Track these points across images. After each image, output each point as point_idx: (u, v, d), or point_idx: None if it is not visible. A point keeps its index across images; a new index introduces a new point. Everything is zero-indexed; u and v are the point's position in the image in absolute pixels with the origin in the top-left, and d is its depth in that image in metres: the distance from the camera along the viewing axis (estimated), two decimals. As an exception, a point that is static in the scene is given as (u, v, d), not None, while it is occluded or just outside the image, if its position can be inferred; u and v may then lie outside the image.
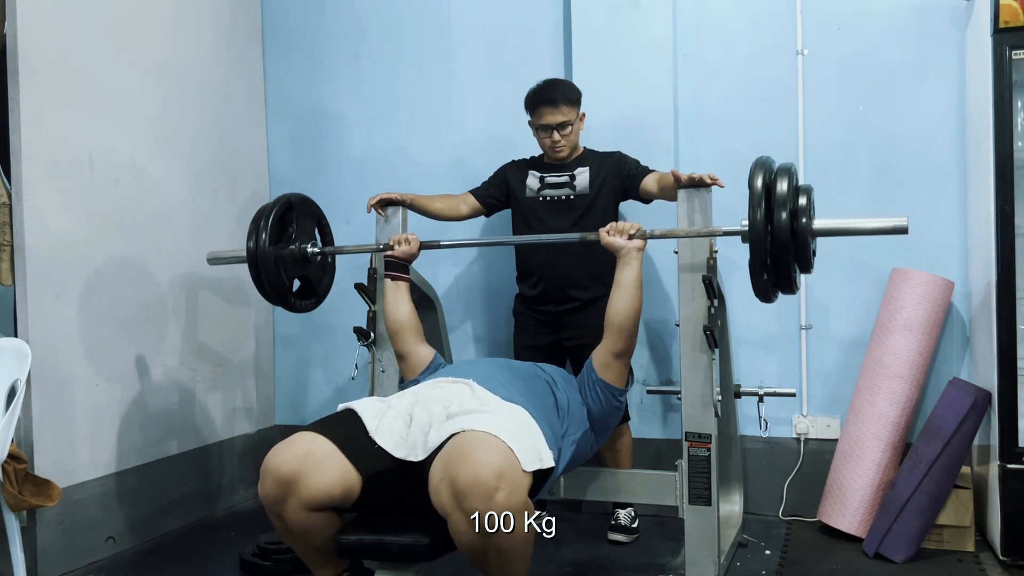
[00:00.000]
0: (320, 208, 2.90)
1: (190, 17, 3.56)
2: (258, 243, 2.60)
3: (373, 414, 2.12)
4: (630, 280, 2.37)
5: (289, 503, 1.95)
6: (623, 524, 3.13)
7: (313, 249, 2.78)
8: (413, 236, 2.69)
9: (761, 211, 2.11)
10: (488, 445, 1.86)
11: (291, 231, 2.73)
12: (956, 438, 2.78)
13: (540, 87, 3.04)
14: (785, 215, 2.10)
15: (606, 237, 2.43)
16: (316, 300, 2.89)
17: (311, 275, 2.81)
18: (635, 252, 2.39)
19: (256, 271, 2.63)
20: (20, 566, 2.55)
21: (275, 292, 2.68)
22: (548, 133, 3.01)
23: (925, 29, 3.19)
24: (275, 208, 2.66)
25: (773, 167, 2.20)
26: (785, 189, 2.12)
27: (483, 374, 2.25)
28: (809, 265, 2.20)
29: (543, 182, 3.11)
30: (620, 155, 3.10)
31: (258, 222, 2.64)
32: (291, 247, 2.72)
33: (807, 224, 2.14)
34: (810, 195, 2.17)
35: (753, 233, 2.13)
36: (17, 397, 2.51)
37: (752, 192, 2.14)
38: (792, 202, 2.12)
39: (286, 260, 2.69)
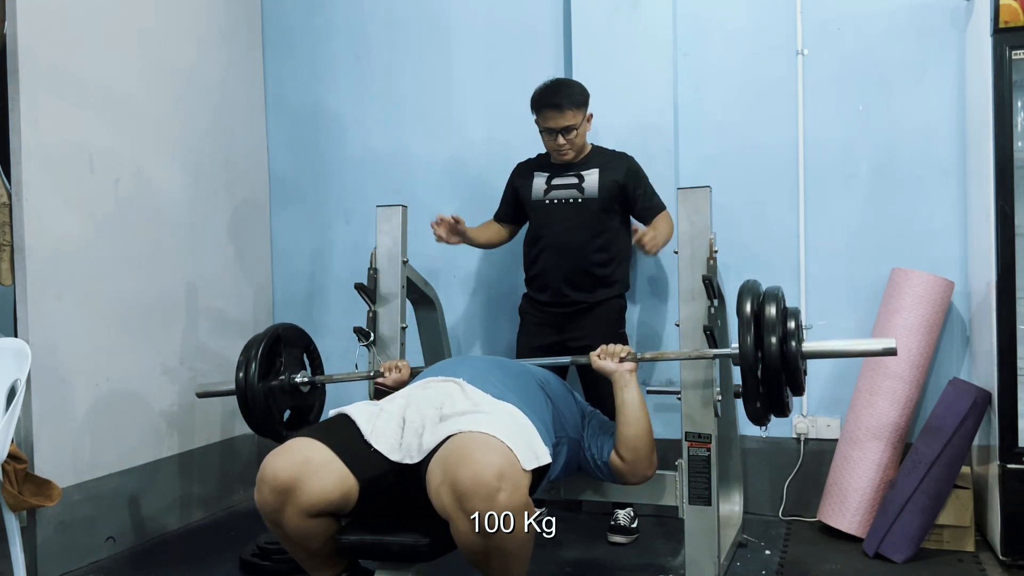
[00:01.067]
0: (309, 336, 2.86)
1: (190, 17, 3.56)
2: (247, 377, 2.57)
3: (367, 418, 2.12)
4: (632, 404, 2.33)
5: (287, 510, 1.94)
6: (623, 525, 3.12)
7: (303, 379, 2.74)
8: (404, 364, 2.64)
9: (751, 336, 2.15)
10: (487, 446, 1.86)
11: (279, 363, 2.70)
12: (956, 438, 2.78)
13: (546, 89, 3.01)
14: (775, 340, 2.14)
15: (597, 361, 2.42)
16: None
17: (301, 405, 2.78)
18: (628, 375, 2.37)
19: (245, 406, 2.60)
20: (20, 566, 2.55)
21: (264, 425, 2.64)
22: (553, 137, 2.99)
23: (925, 29, 3.19)
24: (263, 341, 2.63)
25: (760, 291, 2.23)
26: (773, 314, 2.16)
27: (473, 372, 2.25)
28: (800, 388, 2.22)
29: (550, 183, 3.10)
30: (631, 164, 3.08)
31: (248, 353, 2.61)
32: (280, 378, 2.69)
33: (797, 348, 2.16)
34: (798, 318, 2.21)
35: (744, 359, 2.17)
36: (17, 397, 2.51)
37: (741, 318, 2.18)
38: (781, 326, 2.16)
39: (275, 393, 2.66)
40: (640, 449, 2.32)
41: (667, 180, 3.23)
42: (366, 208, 3.71)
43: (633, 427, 2.32)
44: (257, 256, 3.96)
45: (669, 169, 3.32)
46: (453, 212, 3.18)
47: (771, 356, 2.14)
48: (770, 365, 2.14)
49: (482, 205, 3.69)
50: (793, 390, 2.22)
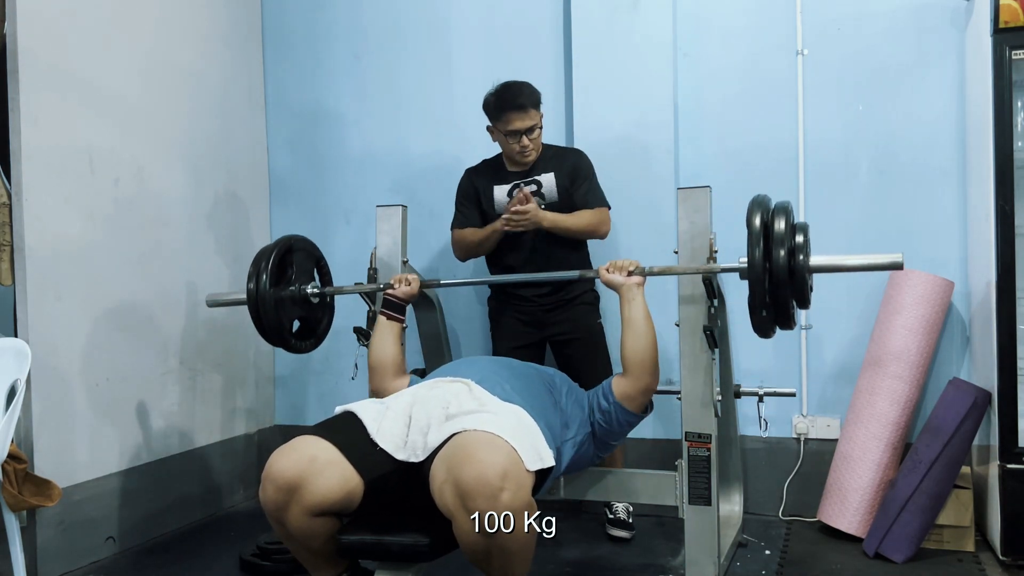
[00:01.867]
0: (319, 249, 2.89)
1: (190, 17, 3.56)
2: (258, 285, 2.60)
3: (373, 416, 2.12)
4: (639, 317, 2.37)
5: (292, 509, 1.94)
6: (621, 519, 3.14)
7: (312, 290, 2.78)
8: (415, 276, 2.67)
9: (759, 249, 2.15)
10: (491, 445, 1.86)
11: (290, 273, 2.73)
12: (956, 438, 2.78)
13: (504, 92, 2.98)
14: (783, 253, 2.13)
15: (605, 275, 2.45)
16: (315, 340, 2.89)
17: (310, 316, 2.81)
18: (636, 288, 2.40)
19: (256, 313, 2.63)
20: (20, 566, 2.55)
21: (275, 334, 2.68)
22: (517, 139, 2.96)
23: (925, 29, 3.19)
24: (275, 250, 2.66)
25: (770, 206, 2.23)
26: (783, 227, 2.15)
27: (481, 374, 2.25)
28: (807, 301, 2.23)
29: (512, 194, 3.05)
30: (576, 161, 3.04)
31: (258, 263, 2.63)
32: (291, 288, 2.72)
33: (804, 261, 2.17)
34: (807, 232, 2.21)
35: (752, 272, 2.16)
36: (17, 397, 2.50)
37: (750, 230, 2.17)
38: (790, 240, 2.15)
39: (286, 302, 2.69)
40: (646, 361, 2.36)
41: (667, 180, 3.23)
42: (366, 208, 3.71)
43: (641, 339, 2.35)
44: (257, 256, 3.96)
45: (669, 169, 3.33)
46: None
47: (779, 269, 2.13)
48: (778, 278, 2.14)
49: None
50: (799, 303, 2.23)
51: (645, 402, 2.43)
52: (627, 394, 2.39)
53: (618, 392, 2.39)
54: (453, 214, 3.20)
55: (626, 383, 2.39)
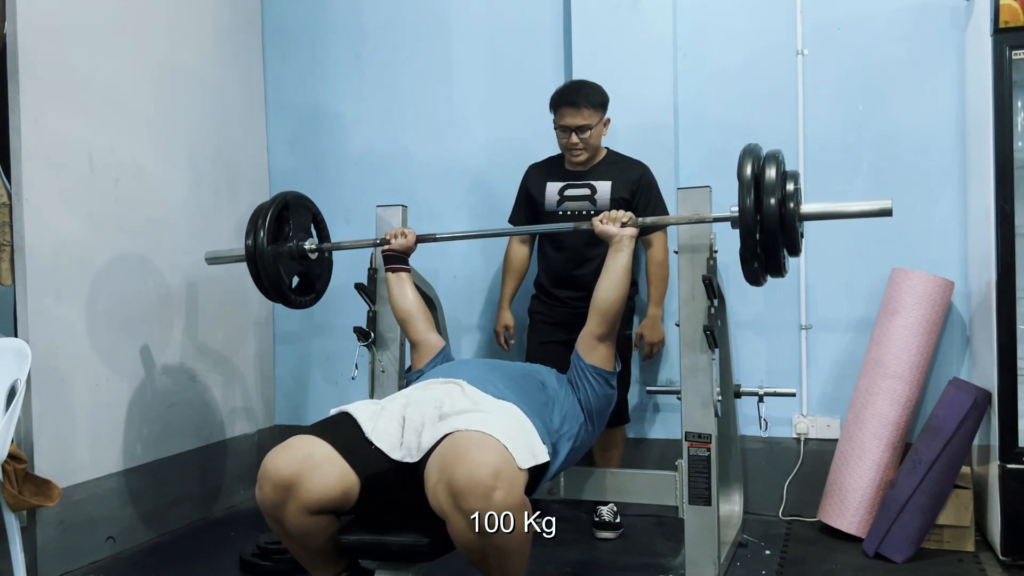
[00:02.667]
0: (315, 204, 2.90)
1: (190, 17, 3.56)
2: (256, 241, 2.62)
3: (368, 416, 2.12)
4: (620, 266, 2.40)
5: (288, 507, 1.94)
6: (607, 520, 3.15)
7: (311, 245, 2.79)
8: (410, 230, 2.71)
9: (750, 198, 2.15)
10: (483, 444, 1.86)
11: (288, 229, 2.74)
12: (956, 438, 2.78)
13: (565, 87, 3.05)
14: (774, 201, 2.13)
15: (599, 225, 2.45)
16: (315, 295, 2.90)
17: (309, 271, 2.83)
18: (627, 239, 2.42)
19: (255, 269, 2.65)
20: (20, 566, 2.55)
21: (274, 289, 2.70)
22: (567, 134, 3.01)
23: (925, 29, 3.19)
24: (272, 206, 2.68)
25: (761, 154, 2.22)
26: (773, 176, 2.15)
27: (474, 374, 2.25)
28: (797, 249, 2.23)
29: (562, 194, 3.11)
30: (642, 177, 3.08)
31: (256, 220, 2.65)
32: (289, 244, 2.74)
33: (795, 209, 2.17)
34: (797, 180, 2.21)
35: (743, 220, 2.16)
36: (17, 397, 2.51)
37: (741, 179, 2.17)
38: (780, 188, 2.15)
39: (284, 257, 2.71)
40: (610, 310, 2.39)
41: (667, 180, 3.22)
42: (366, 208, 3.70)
43: (615, 288, 2.38)
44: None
45: (669, 169, 3.32)
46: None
47: (770, 217, 2.13)
48: (769, 226, 2.14)
49: (482, 205, 3.70)
50: (790, 251, 2.23)
51: (607, 352, 2.43)
52: (588, 344, 2.41)
53: (582, 348, 2.43)
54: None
55: (586, 333, 2.42)
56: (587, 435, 2.44)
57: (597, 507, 3.17)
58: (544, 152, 3.26)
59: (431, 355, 2.55)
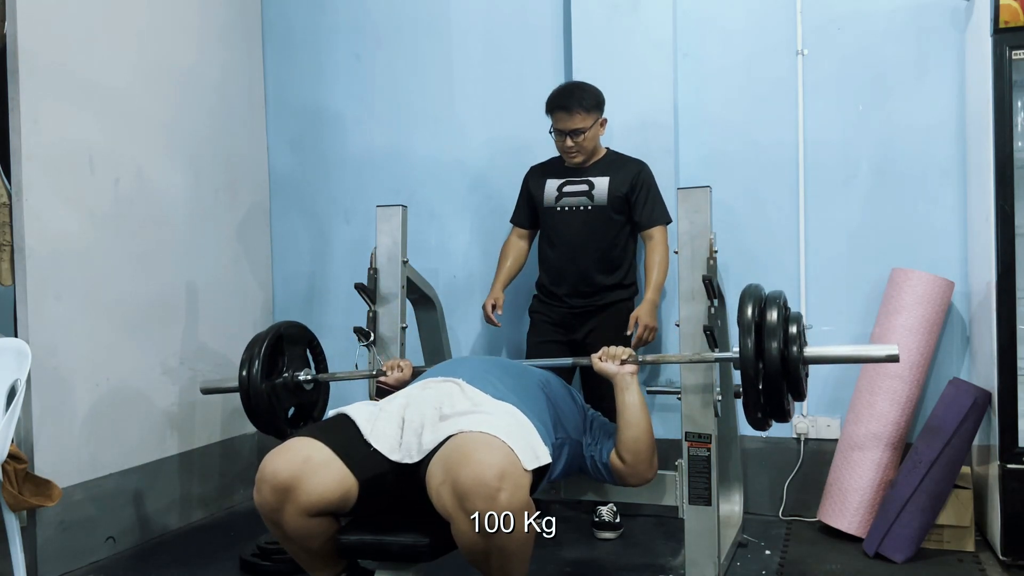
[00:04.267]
0: (312, 333, 2.87)
1: (190, 17, 3.56)
2: (250, 376, 2.59)
3: (367, 417, 2.12)
4: (633, 406, 2.33)
5: (287, 509, 1.94)
6: (607, 520, 3.15)
7: (306, 377, 2.76)
8: (407, 363, 2.64)
9: (751, 340, 2.14)
10: (488, 446, 1.86)
11: (282, 361, 2.71)
12: (956, 438, 2.78)
13: (558, 91, 3.06)
14: (776, 345, 2.12)
15: (598, 363, 2.42)
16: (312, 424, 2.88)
17: (305, 401, 2.79)
18: (629, 378, 2.37)
19: (248, 404, 2.62)
20: (20, 566, 2.55)
21: (268, 423, 2.66)
22: (562, 138, 3.03)
23: (925, 29, 3.19)
24: (267, 339, 2.64)
25: (763, 296, 2.22)
26: (775, 319, 2.14)
27: (472, 372, 2.25)
28: (802, 394, 2.21)
29: (561, 191, 3.12)
30: (640, 173, 3.08)
31: (250, 353, 2.62)
32: (284, 376, 2.70)
33: (798, 353, 2.15)
34: (800, 323, 2.19)
35: (744, 363, 2.15)
36: (17, 397, 2.51)
37: (741, 322, 2.16)
38: (782, 331, 2.14)
39: (279, 391, 2.67)
40: (641, 452, 2.32)
41: (667, 180, 3.23)
42: (366, 208, 3.71)
43: (634, 429, 2.32)
44: (257, 256, 3.96)
45: (669, 169, 3.32)
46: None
47: (772, 362, 2.12)
48: (771, 371, 2.13)
49: (482, 205, 3.70)
50: (794, 395, 2.22)
51: (637, 486, 2.41)
52: (621, 474, 2.36)
53: (614, 467, 2.36)
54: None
55: (623, 467, 2.35)
56: (580, 461, 2.41)
57: (597, 507, 3.17)
58: (544, 152, 3.26)
59: None
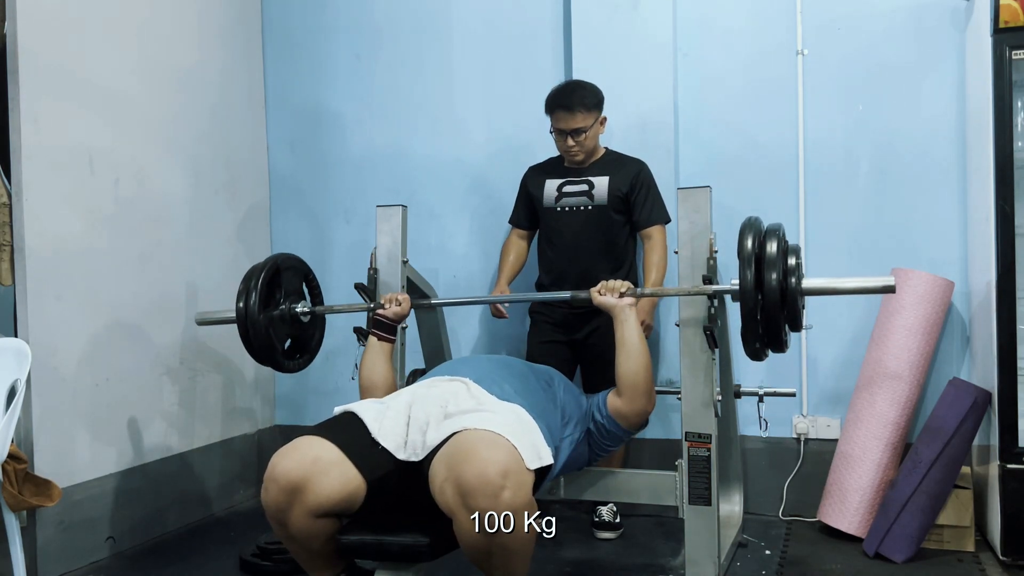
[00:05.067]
0: (308, 265, 2.88)
1: (190, 17, 3.56)
2: (247, 307, 2.58)
3: (374, 416, 2.12)
4: (631, 338, 2.37)
5: (295, 510, 1.94)
6: (607, 520, 3.15)
7: (303, 308, 2.77)
8: (405, 297, 2.66)
9: (751, 272, 2.14)
10: (493, 443, 1.86)
11: (279, 294, 2.71)
12: (956, 438, 2.78)
13: (559, 90, 3.05)
14: (775, 276, 2.13)
15: (597, 297, 2.44)
16: (308, 357, 2.88)
17: (301, 334, 2.79)
18: (628, 310, 2.40)
19: (246, 334, 2.62)
20: (20, 566, 2.55)
21: (265, 354, 2.66)
22: (563, 137, 3.03)
23: (925, 29, 3.19)
24: (263, 271, 2.64)
25: (762, 228, 2.22)
26: (774, 250, 2.15)
27: (480, 372, 2.25)
28: (799, 324, 2.22)
29: (560, 190, 3.12)
30: (639, 172, 3.08)
31: (248, 283, 2.62)
32: (281, 308, 2.70)
33: (797, 284, 2.16)
34: (799, 255, 2.20)
35: (744, 294, 2.16)
36: (17, 397, 2.50)
37: (741, 254, 2.17)
38: (782, 263, 2.15)
39: (275, 322, 2.68)
40: (639, 383, 2.36)
41: (667, 180, 3.23)
42: (366, 208, 3.71)
43: (633, 360, 2.35)
44: (257, 256, 3.93)
45: (669, 169, 3.33)
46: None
47: (771, 293, 2.13)
48: (770, 302, 2.14)
49: (482, 205, 3.70)
50: (791, 326, 2.22)
51: (638, 423, 2.43)
52: (620, 412, 2.40)
53: (612, 408, 2.41)
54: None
55: (620, 403, 2.40)
56: (586, 453, 2.44)
57: (597, 507, 3.18)
58: (544, 151, 3.26)
59: None
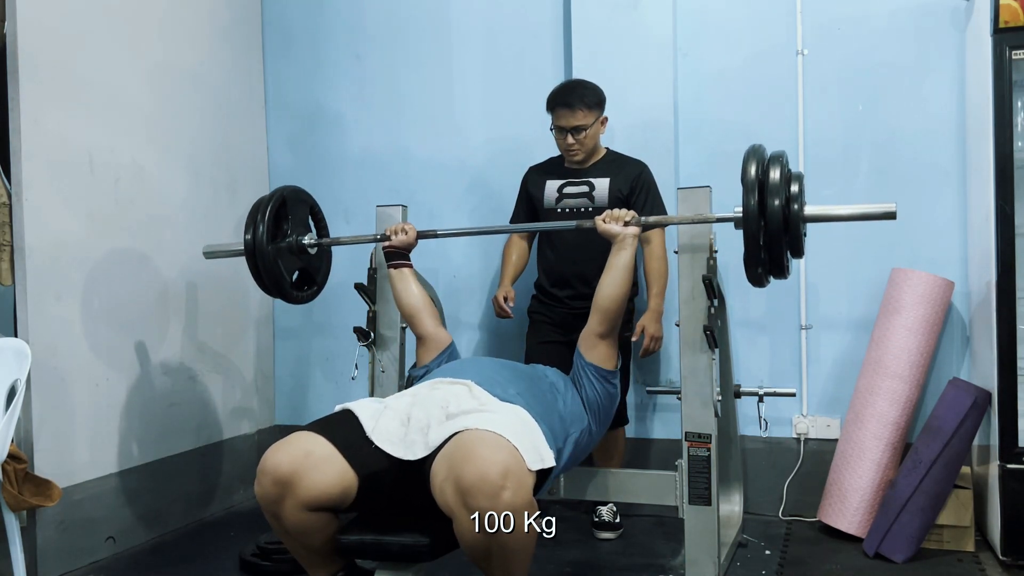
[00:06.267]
0: (313, 198, 2.90)
1: (190, 17, 3.56)
2: (256, 237, 2.61)
3: (370, 414, 2.12)
4: (623, 264, 2.39)
5: (287, 503, 1.95)
6: (607, 520, 3.15)
7: (310, 240, 2.79)
8: (410, 226, 2.69)
9: (754, 198, 2.15)
10: (493, 443, 1.86)
11: (286, 225, 2.74)
12: (956, 438, 2.78)
13: (560, 88, 3.05)
14: (778, 202, 2.14)
15: (602, 224, 2.44)
16: (316, 289, 2.89)
17: (309, 266, 2.82)
18: (630, 238, 2.41)
19: (254, 264, 2.65)
20: (20, 566, 2.55)
21: (274, 285, 2.69)
22: (563, 135, 3.02)
23: (925, 29, 3.19)
24: (270, 202, 2.67)
25: (765, 155, 2.23)
26: (777, 177, 2.15)
27: (482, 374, 2.25)
28: (800, 250, 2.23)
29: (561, 191, 3.11)
30: (640, 175, 3.08)
31: (254, 215, 2.64)
32: (288, 240, 2.73)
33: (799, 211, 2.17)
34: (801, 182, 2.21)
35: (747, 221, 2.16)
36: (17, 397, 2.51)
37: (745, 181, 2.17)
38: (784, 190, 2.16)
39: (284, 253, 2.71)
40: (611, 307, 2.39)
41: (667, 180, 3.23)
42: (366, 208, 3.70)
43: (617, 285, 2.38)
44: (257, 256, 3.95)
45: (669, 169, 3.33)
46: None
47: (775, 219, 2.14)
48: (773, 228, 2.15)
49: (482, 204, 3.71)
50: (793, 253, 2.23)
51: (608, 351, 2.43)
52: (589, 342, 2.42)
53: (584, 347, 2.43)
54: None
55: (587, 331, 2.42)
56: (590, 436, 2.44)
57: (597, 507, 3.18)
58: (544, 151, 3.26)
59: (438, 351, 2.54)
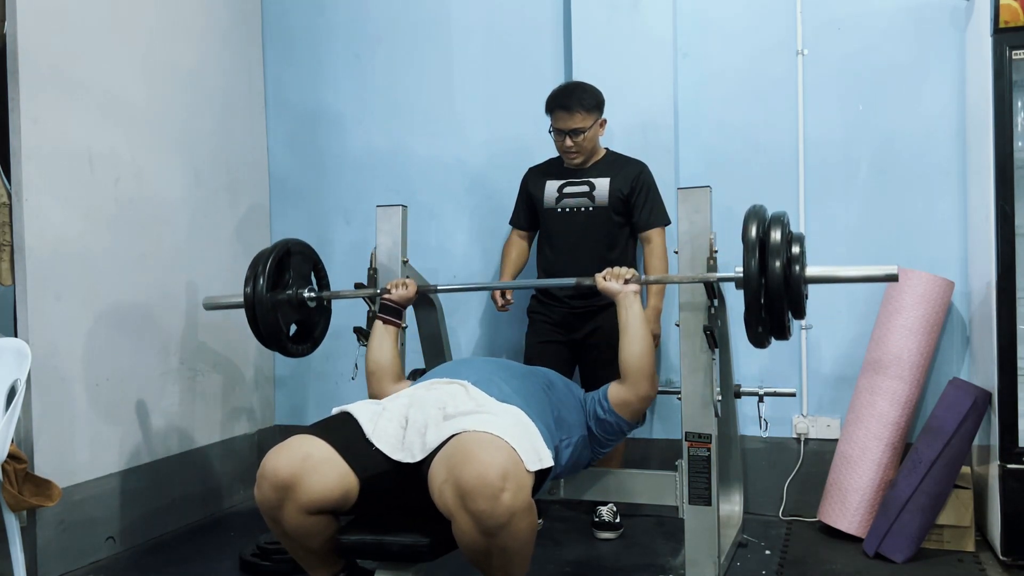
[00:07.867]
0: (317, 253, 2.91)
1: (190, 17, 3.56)
2: (255, 289, 2.61)
3: (369, 416, 2.13)
4: (636, 322, 2.39)
5: (287, 507, 1.95)
6: (607, 520, 3.16)
7: (309, 294, 2.78)
8: (411, 281, 2.69)
9: (755, 259, 2.15)
10: (492, 445, 1.86)
11: (288, 277, 2.73)
12: (956, 438, 2.78)
13: (558, 90, 3.06)
14: (779, 263, 2.14)
15: (602, 282, 2.46)
16: (312, 344, 2.90)
17: (307, 320, 2.82)
18: (632, 296, 2.42)
19: (253, 317, 2.63)
20: (20, 566, 2.55)
21: (272, 337, 2.69)
22: (562, 138, 3.03)
23: (925, 29, 3.19)
24: (272, 254, 2.66)
25: (766, 216, 2.23)
26: (779, 238, 2.16)
27: (478, 375, 2.25)
28: (802, 311, 2.22)
29: (561, 191, 3.12)
30: (640, 174, 3.08)
31: (255, 267, 2.64)
32: (288, 292, 2.73)
33: (800, 272, 2.17)
34: (803, 243, 2.21)
35: (748, 280, 2.16)
36: (17, 397, 2.51)
37: (746, 240, 2.17)
38: (786, 250, 2.16)
39: (283, 306, 2.70)
40: (643, 367, 2.37)
41: (667, 180, 3.23)
42: (366, 208, 3.71)
43: (636, 344, 2.37)
44: (257, 256, 3.96)
45: (669, 169, 3.33)
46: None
47: (775, 280, 2.14)
48: (774, 289, 2.15)
49: (482, 205, 3.71)
50: (795, 314, 2.23)
51: (641, 409, 2.44)
52: (624, 400, 2.41)
53: (614, 398, 2.41)
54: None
55: (623, 390, 2.41)
56: (588, 452, 2.45)
57: (597, 507, 3.18)
58: (544, 152, 3.26)
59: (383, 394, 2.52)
